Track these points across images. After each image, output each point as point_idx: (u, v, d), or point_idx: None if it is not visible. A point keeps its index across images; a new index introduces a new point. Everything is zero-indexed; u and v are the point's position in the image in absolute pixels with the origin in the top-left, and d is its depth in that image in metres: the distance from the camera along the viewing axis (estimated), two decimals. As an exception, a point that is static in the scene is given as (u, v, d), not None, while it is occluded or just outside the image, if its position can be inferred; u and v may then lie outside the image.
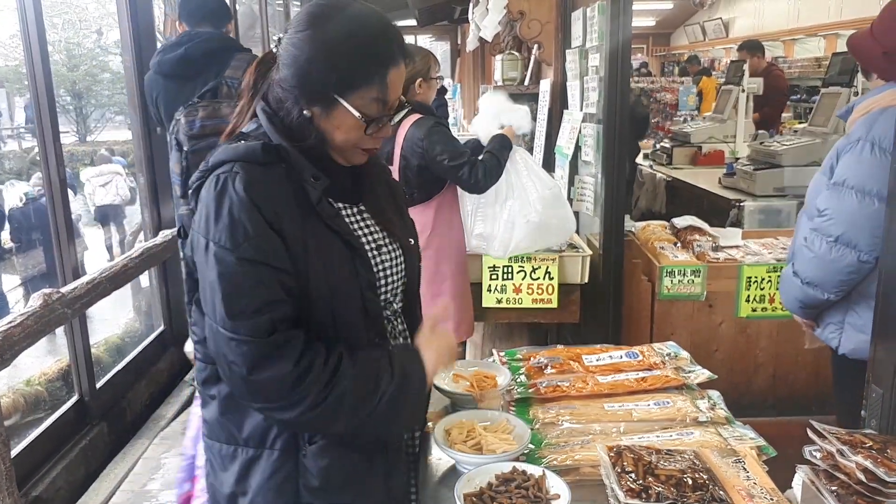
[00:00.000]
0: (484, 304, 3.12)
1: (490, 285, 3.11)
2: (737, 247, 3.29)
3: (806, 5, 9.92)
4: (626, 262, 3.13)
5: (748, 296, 3.07)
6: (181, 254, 1.27)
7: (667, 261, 3.07)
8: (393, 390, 1.15)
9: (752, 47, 6.30)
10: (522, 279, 3.08)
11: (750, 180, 4.22)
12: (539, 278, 3.09)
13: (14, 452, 2.30)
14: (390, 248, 1.29)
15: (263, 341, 1.08)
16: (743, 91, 5.42)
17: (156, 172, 3.82)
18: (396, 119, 1.22)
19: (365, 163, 1.26)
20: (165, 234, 3.65)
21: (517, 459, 1.30)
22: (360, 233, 1.25)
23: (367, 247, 1.24)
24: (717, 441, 1.32)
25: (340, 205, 1.24)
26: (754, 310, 3.07)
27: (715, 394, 1.55)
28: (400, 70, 1.17)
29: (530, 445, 1.35)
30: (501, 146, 2.79)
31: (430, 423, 1.47)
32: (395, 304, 1.32)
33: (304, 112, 1.16)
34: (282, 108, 1.17)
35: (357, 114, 1.15)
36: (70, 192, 3.18)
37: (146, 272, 3.74)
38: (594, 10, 3.14)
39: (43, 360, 4.38)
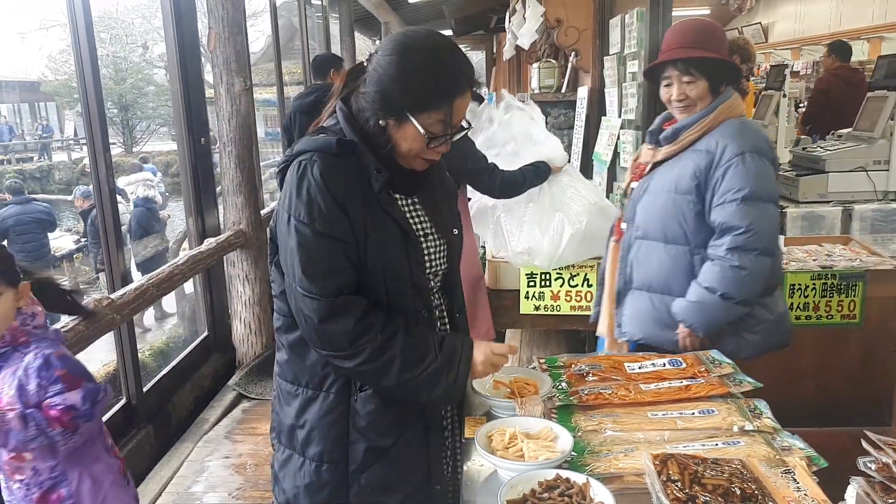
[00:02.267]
0: (522, 311, 3.12)
1: (528, 292, 3.10)
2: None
3: (848, 8, 9.70)
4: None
5: (792, 303, 3.01)
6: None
7: (707, 268, 3.03)
8: (437, 366, 1.37)
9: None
10: (560, 286, 3.07)
11: (792, 186, 4.14)
12: (577, 285, 3.08)
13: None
14: (435, 237, 1.50)
15: (333, 299, 1.33)
16: (784, 96, 5.32)
17: (200, 182, 3.91)
18: (456, 138, 1.41)
19: None
20: (210, 243, 3.73)
21: (559, 467, 1.30)
22: (411, 220, 1.46)
23: (417, 233, 1.45)
24: (765, 451, 1.30)
25: (398, 195, 1.45)
26: (798, 318, 3.01)
27: (761, 403, 1.52)
28: (465, 98, 1.38)
29: (573, 453, 1.34)
30: (536, 174, 2.89)
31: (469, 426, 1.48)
32: (436, 283, 1.53)
33: (380, 122, 1.37)
34: (362, 116, 1.39)
35: (423, 131, 1.36)
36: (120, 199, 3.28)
37: (191, 279, 3.83)
38: (632, 17, 3.13)
39: (90, 365, 4.49)
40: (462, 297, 1.62)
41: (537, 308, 3.11)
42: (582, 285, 3.07)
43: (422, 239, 1.46)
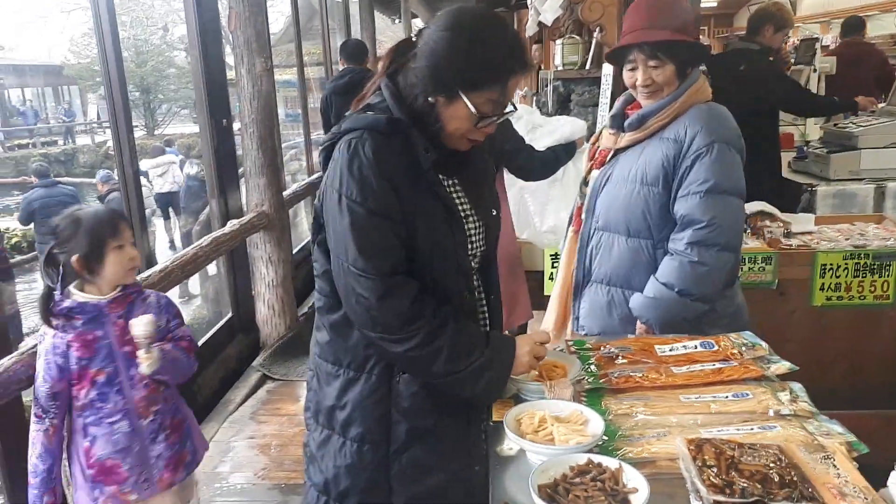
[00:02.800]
0: (546, 293, 3.09)
1: (552, 273, 3.07)
2: (810, 233, 3.16)
3: (880, -21, 9.43)
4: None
5: (823, 284, 2.95)
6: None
7: (737, 248, 2.97)
8: (483, 362, 1.36)
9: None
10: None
11: (823, 164, 4.05)
12: (602, 266, 3.03)
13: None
14: (474, 218, 1.49)
15: (387, 278, 1.32)
16: (815, 70, 5.19)
17: (222, 164, 3.91)
18: (502, 119, 1.40)
19: None
20: (233, 224, 3.74)
21: (591, 451, 1.28)
22: (456, 201, 1.46)
23: (461, 213, 1.46)
24: (803, 436, 1.26)
25: (441, 176, 1.43)
26: (829, 298, 2.95)
27: (797, 386, 1.48)
28: (517, 79, 1.37)
29: (604, 437, 1.32)
30: (566, 151, 2.85)
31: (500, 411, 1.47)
32: (473, 264, 1.52)
33: (430, 98, 1.35)
34: (411, 92, 1.37)
35: (474, 110, 1.34)
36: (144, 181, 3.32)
37: (214, 261, 3.84)
38: (660, -9, 3.05)
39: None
40: (497, 279, 1.61)
41: (562, 289, 3.07)
42: (607, 266, 3.02)
43: (464, 220, 1.46)
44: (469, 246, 1.46)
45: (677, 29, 1.93)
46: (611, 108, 3.82)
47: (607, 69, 3.93)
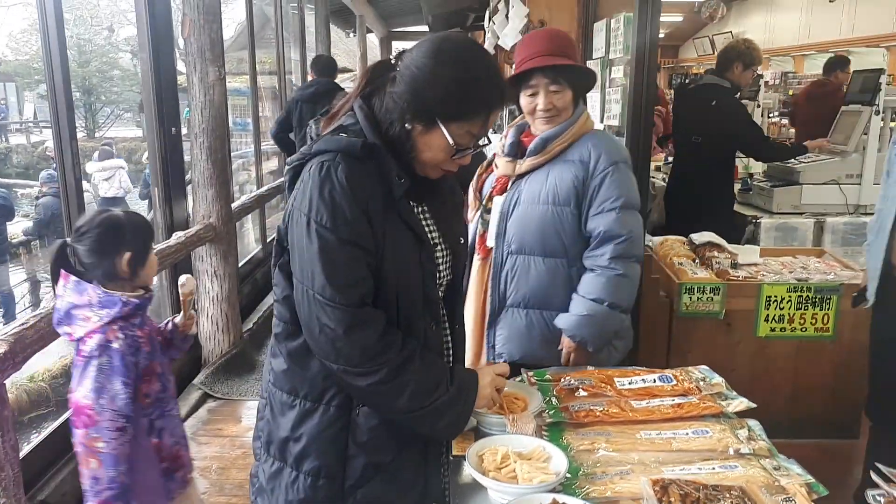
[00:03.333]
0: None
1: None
2: (755, 265, 3.24)
3: (816, 21, 9.88)
4: (644, 278, 3.08)
5: (767, 315, 3.03)
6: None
7: (686, 277, 3.03)
8: (447, 399, 1.33)
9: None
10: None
11: (767, 197, 4.18)
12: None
13: (21, 455, 2.26)
14: (442, 246, 1.45)
15: (356, 309, 1.27)
16: (758, 106, 5.38)
17: (170, 173, 3.78)
18: (476, 150, 1.38)
19: None
20: (178, 236, 3.60)
21: (554, 490, 1.25)
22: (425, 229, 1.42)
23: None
24: (763, 476, 1.27)
25: (411, 203, 1.39)
26: (773, 329, 3.03)
27: (755, 423, 1.50)
28: (497, 113, 1.35)
29: (567, 475, 1.30)
30: None
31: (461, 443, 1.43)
32: (440, 293, 1.47)
33: (406, 125, 1.31)
34: (387, 117, 1.33)
35: (451, 141, 1.31)
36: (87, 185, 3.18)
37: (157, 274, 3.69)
38: (619, 22, 3.11)
39: (47, 357, 4.33)
40: (462, 309, 1.58)
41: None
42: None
43: (433, 249, 1.43)
44: (437, 275, 1.42)
45: (573, 59, 2.06)
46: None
47: (564, 96, 3.98)
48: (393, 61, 1.36)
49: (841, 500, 1.57)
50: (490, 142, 1.45)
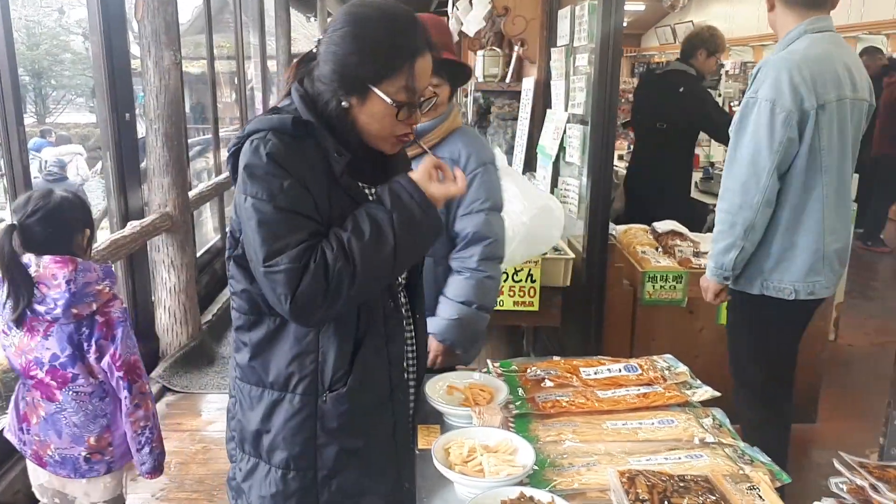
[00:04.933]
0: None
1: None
2: (717, 253, 3.27)
3: (775, 12, 10.03)
4: (608, 266, 3.09)
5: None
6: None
7: (649, 266, 3.05)
8: (396, 216, 1.25)
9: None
10: (504, 281, 3.01)
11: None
12: (521, 280, 3.03)
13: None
14: None
15: (299, 266, 1.20)
16: (720, 95, 5.45)
17: (124, 159, 3.66)
18: (426, 107, 1.34)
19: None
20: (133, 226, 3.50)
21: (521, 483, 1.24)
22: None
23: None
24: (728, 466, 1.27)
25: (360, 184, 1.34)
26: (734, 316, 3.07)
27: (719, 412, 1.51)
28: (426, 60, 1.29)
29: (534, 467, 1.29)
30: None
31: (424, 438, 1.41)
32: (399, 279, 1.44)
33: (342, 103, 1.27)
34: (320, 100, 1.29)
35: (389, 101, 1.26)
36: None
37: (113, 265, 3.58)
38: (584, 9, 3.09)
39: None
40: (423, 293, 1.54)
41: (480, 303, 3.06)
42: (526, 280, 3.03)
43: None
44: None
45: (453, 52, 1.95)
46: (533, 122, 3.84)
47: (528, 84, 3.97)
48: (314, 49, 1.32)
49: (799, 483, 1.61)
50: (437, 96, 1.43)
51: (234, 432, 1.43)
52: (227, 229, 1.37)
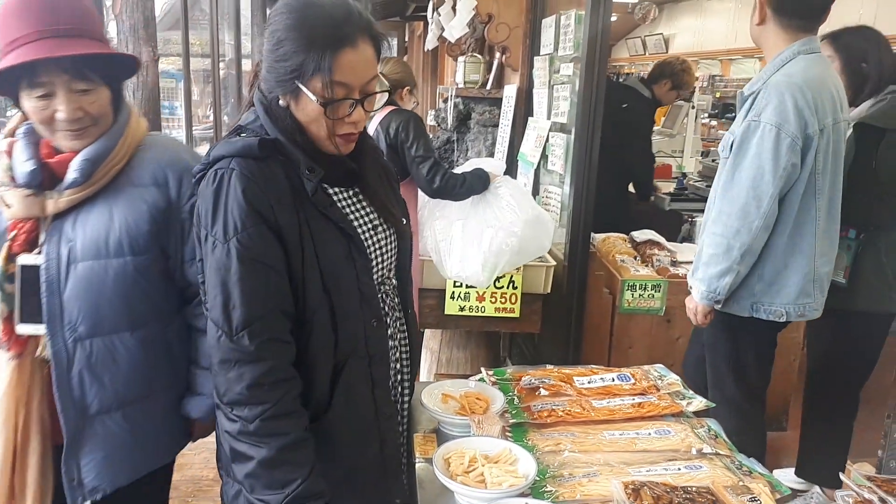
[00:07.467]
0: (447, 312, 3.05)
1: (454, 292, 3.04)
2: (692, 262, 3.32)
3: (744, 27, 10.25)
4: (588, 275, 3.11)
5: (705, 312, 3.11)
6: None
7: (628, 275, 3.07)
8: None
9: None
10: (486, 287, 3.02)
11: (701, 196, 4.31)
12: (503, 287, 3.04)
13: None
14: (384, 227, 1.38)
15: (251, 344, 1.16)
16: (693, 107, 5.54)
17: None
18: (375, 106, 1.28)
19: (357, 149, 1.33)
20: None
21: (523, 493, 1.23)
22: (354, 216, 1.33)
23: (360, 230, 1.32)
24: (728, 477, 1.28)
25: (336, 189, 1.31)
26: (711, 326, 3.11)
27: (713, 423, 1.52)
28: (356, 51, 1.19)
29: (535, 478, 1.28)
30: (477, 178, 2.88)
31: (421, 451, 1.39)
32: (391, 281, 1.42)
33: (280, 102, 1.23)
34: (272, 105, 1.25)
35: (313, 97, 1.19)
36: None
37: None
38: (570, 19, 3.11)
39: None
40: (411, 295, 1.51)
41: (462, 309, 3.06)
42: (507, 287, 3.04)
43: (370, 234, 1.33)
44: (375, 264, 1.34)
45: (102, 39, 1.41)
46: (514, 129, 3.83)
47: (509, 91, 3.98)
48: None
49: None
50: (387, 89, 1.39)
51: (221, 454, 1.37)
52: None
